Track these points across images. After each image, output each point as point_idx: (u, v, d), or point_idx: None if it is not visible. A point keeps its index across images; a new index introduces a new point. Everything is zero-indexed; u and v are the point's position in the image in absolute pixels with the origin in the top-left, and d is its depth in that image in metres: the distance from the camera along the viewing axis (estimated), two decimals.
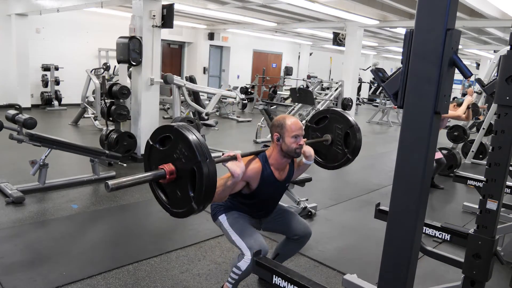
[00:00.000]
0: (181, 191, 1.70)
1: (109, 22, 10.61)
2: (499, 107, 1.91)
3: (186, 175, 1.66)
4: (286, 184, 2.40)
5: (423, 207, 1.39)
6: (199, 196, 1.63)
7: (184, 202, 1.69)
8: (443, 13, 1.22)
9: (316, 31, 12.19)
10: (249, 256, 2.20)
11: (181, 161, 1.68)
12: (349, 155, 2.61)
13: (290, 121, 2.20)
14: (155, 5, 5.50)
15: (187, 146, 1.65)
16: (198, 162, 1.60)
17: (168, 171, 1.67)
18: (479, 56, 16.61)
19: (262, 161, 2.22)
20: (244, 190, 2.23)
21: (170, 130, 1.72)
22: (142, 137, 5.63)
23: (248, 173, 2.13)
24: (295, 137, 2.18)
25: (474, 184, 4.03)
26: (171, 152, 1.71)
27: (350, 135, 2.60)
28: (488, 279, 2.02)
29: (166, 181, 1.69)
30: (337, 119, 2.65)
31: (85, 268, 2.71)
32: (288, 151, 2.20)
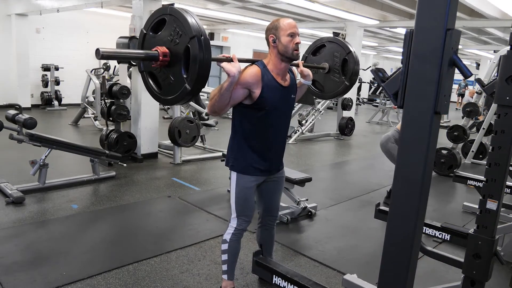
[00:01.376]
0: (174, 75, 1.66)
1: (109, 22, 10.62)
2: (499, 107, 1.91)
3: (180, 57, 1.62)
4: (291, 94, 2.27)
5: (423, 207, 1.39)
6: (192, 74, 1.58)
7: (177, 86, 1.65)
8: (443, 13, 1.22)
9: (316, 31, 12.20)
10: (233, 225, 2.30)
11: (175, 42, 1.64)
12: (346, 82, 2.59)
13: (284, 20, 2.13)
14: (155, 5, 5.50)
15: (182, 23, 1.61)
16: (192, 37, 1.56)
17: (162, 52, 1.64)
18: (479, 56, 16.62)
19: (260, 66, 2.12)
20: (247, 101, 2.10)
21: (165, 10, 1.70)
22: (142, 137, 5.64)
23: (246, 77, 2.03)
24: (291, 35, 2.09)
25: (474, 184, 4.04)
26: (165, 36, 1.68)
27: (348, 61, 2.57)
28: (488, 279, 2.01)
29: (159, 64, 1.66)
30: (334, 46, 2.63)
31: (85, 268, 2.71)
32: (285, 52, 2.10)
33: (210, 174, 5.29)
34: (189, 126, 5.57)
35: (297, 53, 2.14)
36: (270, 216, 2.50)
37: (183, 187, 4.64)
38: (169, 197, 4.22)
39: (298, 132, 8.07)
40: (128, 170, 5.08)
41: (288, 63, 2.18)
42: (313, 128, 8.74)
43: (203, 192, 4.52)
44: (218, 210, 3.92)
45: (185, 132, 5.52)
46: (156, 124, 5.83)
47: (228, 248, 2.33)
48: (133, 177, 4.86)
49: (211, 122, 6.28)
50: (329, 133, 8.94)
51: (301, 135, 8.12)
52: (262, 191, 2.41)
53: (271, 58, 2.16)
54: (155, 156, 5.87)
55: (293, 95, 2.29)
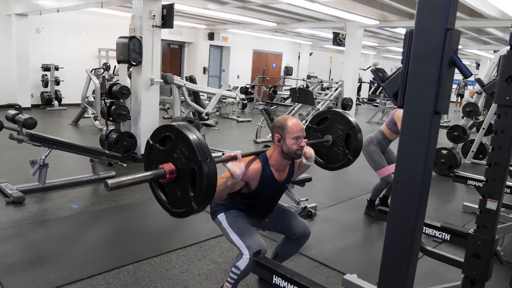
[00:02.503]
0: (181, 191, 1.70)
1: (109, 22, 10.62)
2: (499, 107, 1.91)
3: (187, 175, 1.65)
4: (285, 185, 2.40)
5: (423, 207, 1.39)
6: (199, 196, 1.63)
7: (184, 202, 1.69)
8: (443, 13, 1.22)
9: (316, 31, 12.20)
10: (248, 255, 2.20)
11: (181, 160, 1.67)
12: (350, 156, 2.62)
13: (291, 122, 2.20)
14: (155, 5, 5.50)
15: (187, 146, 1.64)
16: (198, 162, 1.60)
17: (168, 170, 1.67)
18: (479, 56, 16.62)
19: (262, 161, 2.22)
20: (244, 190, 2.23)
21: (171, 129, 1.72)
22: (142, 137, 5.64)
23: (248, 173, 2.13)
24: (296, 138, 2.18)
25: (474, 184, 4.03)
26: (171, 152, 1.71)
27: (351, 136, 2.60)
28: (488, 279, 2.01)
29: (166, 181, 1.69)
30: (338, 120, 2.66)
31: (85, 268, 2.71)
32: (289, 152, 2.20)
33: None
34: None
35: (300, 153, 2.23)
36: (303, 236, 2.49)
37: None
38: None
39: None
40: (128, 170, 5.08)
41: (290, 160, 2.30)
42: None
43: None
44: None
45: None
46: (156, 124, 5.83)
47: (240, 274, 2.24)
48: None
49: (211, 122, 6.28)
50: None
51: None
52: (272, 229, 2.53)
53: (274, 154, 2.25)
54: None
55: (287, 184, 2.43)
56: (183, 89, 6.28)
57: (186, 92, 6.33)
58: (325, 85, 12.92)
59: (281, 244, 2.59)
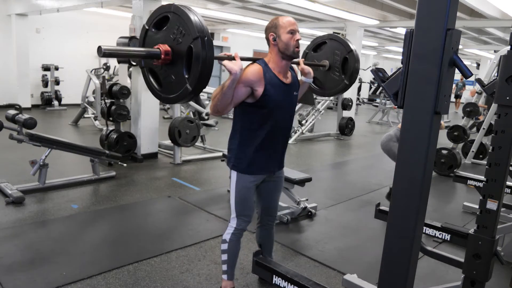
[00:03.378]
0: (175, 75, 1.64)
1: (109, 22, 10.62)
2: (499, 107, 1.91)
3: (182, 56, 1.60)
4: (293, 91, 2.26)
5: (423, 207, 1.39)
6: (194, 75, 1.57)
7: (178, 86, 1.63)
8: (443, 13, 1.22)
9: (316, 31, 12.19)
10: (233, 225, 2.30)
11: (177, 41, 1.62)
12: (346, 81, 2.58)
13: (283, 18, 2.14)
14: (155, 5, 5.50)
15: (185, 23, 1.59)
16: (196, 38, 1.55)
17: (164, 50, 1.62)
18: (479, 56, 16.61)
19: (262, 65, 2.12)
20: (250, 99, 2.09)
21: (169, 8, 1.67)
22: (142, 137, 5.64)
23: (248, 75, 2.03)
24: (291, 32, 2.10)
25: (474, 184, 4.04)
26: (167, 34, 1.65)
27: (349, 60, 2.56)
28: (488, 279, 2.02)
29: (160, 62, 1.64)
30: (335, 44, 2.62)
31: (85, 268, 2.71)
32: (286, 49, 2.10)
33: (210, 174, 5.29)
34: (189, 126, 5.57)
35: (297, 50, 2.14)
36: (269, 216, 2.50)
37: (183, 187, 4.64)
38: (169, 197, 4.22)
39: (298, 132, 8.07)
40: (128, 170, 5.08)
41: (289, 61, 2.18)
42: (313, 128, 8.74)
43: (203, 192, 4.52)
44: (218, 210, 3.92)
45: (185, 132, 5.52)
46: (156, 124, 5.83)
47: (228, 248, 2.33)
48: (133, 177, 4.86)
49: (211, 122, 6.28)
50: (329, 133, 8.94)
51: (301, 135, 8.12)
52: (261, 190, 2.40)
53: (271, 57, 2.15)
54: (155, 156, 5.87)
55: (296, 92, 2.28)
56: None
57: None
58: None
59: (257, 235, 2.57)
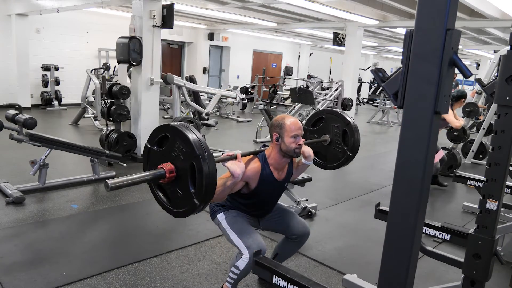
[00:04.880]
0: (182, 190, 1.69)
1: (109, 22, 10.62)
2: (499, 107, 1.91)
3: (186, 172, 1.65)
4: (285, 184, 2.40)
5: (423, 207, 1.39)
6: (200, 191, 1.62)
7: (186, 200, 1.68)
8: (443, 13, 1.22)
9: (316, 31, 12.19)
10: (247, 255, 2.19)
11: (179, 158, 1.67)
12: (349, 153, 2.61)
13: (289, 121, 2.20)
14: (155, 5, 5.50)
15: (184, 142, 1.64)
16: (196, 156, 1.60)
17: (168, 169, 1.67)
18: (479, 56, 16.61)
19: (261, 161, 2.22)
20: (243, 190, 2.23)
21: (167, 129, 1.73)
22: (142, 137, 5.64)
23: (247, 173, 2.13)
24: (294, 137, 2.18)
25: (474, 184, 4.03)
26: (169, 151, 1.71)
27: (348, 133, 2.59)
28: (488, 279, 2.02)
29: (166, 181, 1.69)
30: (333, 118, 2.66)
31: (85, 268, 2.71)
32: (287, 151, 2.20)
33: None
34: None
35: (298, 151, 2.23)
36: (302, 236, 2.48)
37: None
38: None
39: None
40: (128, 170, 5.08)
41: (289, 159, 2.29)
42: None
43: None
44: None
45: None
46: (156, 124, 5.81)
47: (240, 274, 2.24)
48: None
49: (211, 122, 6.28)
50: None
51: None
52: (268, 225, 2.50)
53: (272, 153, 2.25)
54: None
55: (286, 183, 2.43)
56: (183, 89, 6.28)
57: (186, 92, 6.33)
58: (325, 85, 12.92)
59: (280, 244, 2.59)
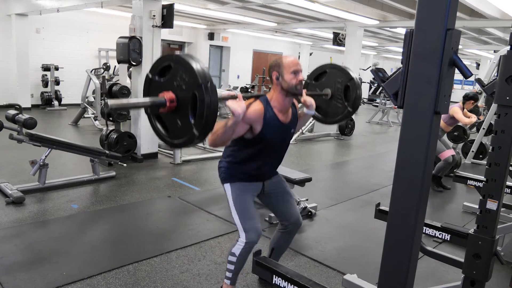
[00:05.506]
0: (181, 120, 1.66)
1: (109, 22, 10.62)
2: (499, 107, 1.91)
3: (187, 102, 1.62)
4: (291, 129, 2.32)
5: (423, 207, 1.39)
6: (200, 121, 1.59)
7: (185, 131, 1.65)
8: (443, 13, 1.22)
9: (316, 31, 12.19)
10: (244, 239, 2.22)
11: (181, 88, 1.64)
12: (349, 108, 2.59)
13: (287, 58, 2.17)
14: (155, 5, 5.50)
15: (188, 71, 1.61)
16: (199, 86, 1.57)
17: (168, 98, 1.63)
18: (479, 56, 16.62)
19: (264, 103, 2.16)
20: (248, 135, 2.16)
21: (171, 58, 1.70)
22: (142, 137, 5.64)
23: (250, 114, 2.07)
24: (294, 72, 2.13)
25: (474, 184, 4.03)
26: (171, 81, 1.67)
27: (350, 88, 2.57)
28: (488, 279, 2.02)
29: (166, 110, 1.66)
30: (336, 73, 2.63)
31: (85, 268, 2.71)
32: (288, 88, 2.14)
33: (210, 174, 5.29)
34: None
35: (300, 88, 2.18)
36: (294, 224, 2.47)
37: (183, 187, 4.65)
38: (169, 197, 4.22)
39: (298, 132, 8.07)
40: (128, 170, 5.08)
41: (292, 98, 2.23)
42: (313, 128, 8.74)
43: (203, 192, 4.52)
44: (218, 210, 3.92)
45: None
46: None
47: (237, 261, 2.27)
48: (133, 177, 4.86)
49: None
50: (329, 133, 8.94)
51: (301, 135, 8.12)
52: (267, 201, 2.45)
53: (274, 94, 2.20)
54: (155, 156, 5.87)
55: (293, 129, 2.35)
56: None
57: None
58: None
59: (274, 239, 2.57)
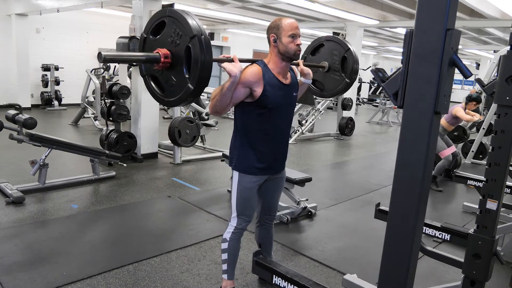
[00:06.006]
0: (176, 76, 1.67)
1: (109, 22, 10.62)
2: (499, 107, 1.91)
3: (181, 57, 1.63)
4: (293, 92, 2.26)
5: (423, 207, 1.39)
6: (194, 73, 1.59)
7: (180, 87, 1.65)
8: (443, 13, 1.22)
9: (316, 31, 12.19)
10: (234, 224, 2.28)
11: (175, 44, 1.64)
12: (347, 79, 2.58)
13: (286, 20, 2.12)
14: (155, 5, 5.50)
15: (181, 24, 1.62)
16: (193, 37, 1.57)
17: (163, 54, 1.65)
18: (479, 56, 16.62)
19: (261, 65, 2.12)
20: (249, 99, 2.10)
21: (164, 13, 1.71)
22: (142, 137, 5.64)
23: (247, 76, 2.03)
24: (292, 36, 2.09)
25: (474, 184, 4.04)
26: (165, 39, 1.69)
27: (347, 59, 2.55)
28: (488, 279, 2.02)
29: (161, 67, 1.66)
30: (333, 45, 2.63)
31: (85, 268, 2.71)
32: (286, 52, 2.10)
33: (210, 174, 5.29)
34: (189, 126, 5.58)
35: (298, 53, 2.14)
36: (268, 216, 2.50)
37: (183, 187, 4.65)
38: (169, 197, 4.22)
39: (298, 132, 8.07)
40: (128, 170, 5.08)
41: (289, 62, 2.18)
42: (313, 128, 8.75)
43: (203, 192, 4.52)
44: (218, 210, 3.92)
45: (185, 132, 5.52)
46: (156, 124, 5.83)
47: (228, 247, 2.32)
48: (133, 177, 4.86)
49: (211, 122, 6.28)
50: (329, 133, 8.94)
51: (301, 135, 8.12)
52: (262, 190, 2.40)
53: (271, 57, 2.15)
54: (155, 156, 5.87)
55: (295, 92, 2.29)
56: None
57: None
58: None
59: (256, 234, 2.57)
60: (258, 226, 2.54)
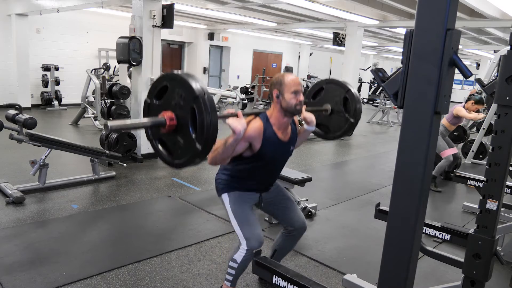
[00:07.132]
0: (183, 137, 1.66)
1: (109, 22, 10.62)
2: (499, 107, 1.91)
3: (187, 118, 1.63)
4: (290, 147, 2.33)
5: (423, 207, 1.39)
6: (201, 133, 1.59)
7: (187, 148, 1.65)
8: (443, 13, 1.22)
9: (316, 31, 12.19)
10: (245, 247, 2.20)
11: (179, 105, 1.65)
12: (351, 119, 2.58)
13: (288, 77, 2.17)
14: (155, 5, 5.50)
15: (184, 87, 1.63)
16: (196, 97, 1.58)
17: (168, 117, 1.64)
18: (479, 56, 16.62)
19: (263, 120, 2.16)
20: (247, 153, 2.16)
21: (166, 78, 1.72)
22: (142, 137, 5.63)
23: (249, 132, 2.07)
24: (294, 92, 2.14)
25: (474, 184, 4.04)
26: (168, 102, 1.69)
27: (349, 99, 2.56)
28: (488, 279, 2.02)
29: (167, 130, 1.66)
30: (332, 87, 2.63)
31: (85, 268, 2.71)
32: (288, 107, 2.14)
33: (210, 174, 5.28)
34: None
35: (299, 108, 2.18)
36: (299, 229, 2.47)
37: (183, 187, 4.65)
38: (169, 197, 4.22)
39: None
40: (128, 170, 5.08)
41: (291, 117, 2.24)
42: None
43: (203, 192, 4.52)
44: (218, 210, 3.92)
45: None
46: None
47: (238, 267, 2.26)
48: (133, 177, 4.86)
49: None
50: None
51: None
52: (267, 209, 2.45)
53: (274, 112, 2.20)
54: (155, 156, 5.84)
55: (292, 147, 2.36)
56: None
57: None
58: None
59: (277, 241, 2.57)
60: (285, 235, 2.50)
